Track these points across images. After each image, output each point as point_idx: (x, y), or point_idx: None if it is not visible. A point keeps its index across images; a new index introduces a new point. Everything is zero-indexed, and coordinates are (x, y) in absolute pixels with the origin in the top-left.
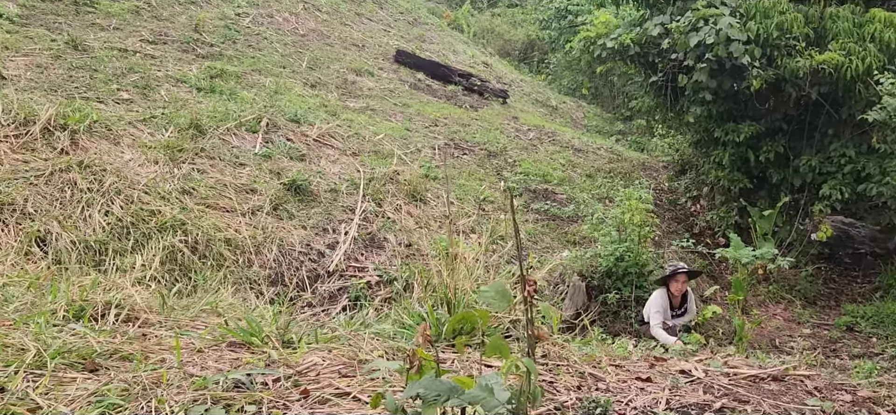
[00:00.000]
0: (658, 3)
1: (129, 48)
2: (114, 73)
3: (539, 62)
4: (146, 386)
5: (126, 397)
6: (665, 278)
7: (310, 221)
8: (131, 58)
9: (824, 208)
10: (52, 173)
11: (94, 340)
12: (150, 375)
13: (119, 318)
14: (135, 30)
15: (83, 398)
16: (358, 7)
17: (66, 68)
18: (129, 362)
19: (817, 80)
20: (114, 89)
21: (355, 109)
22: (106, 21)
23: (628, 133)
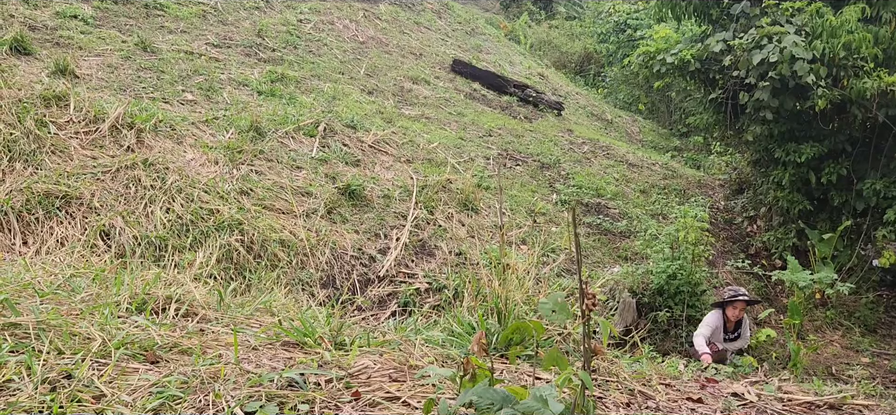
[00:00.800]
0: (721, 20)
1: (195, 51)
2: (179, 74)
3: (595, 75)
4: (204, 380)
5: (185, 389)
6: (723, 303)
7: (362, 226)
8: (196, 60)
9: (888, 234)
10: (118, 170)
11: (155, 332)
12: (207, 369)
13: (179, 312)
14: (201, 33)
15: (144, 389)
16: (417, 16)
17: (135, 69)
18: (188, 355)
19: (885, 102)
20: (179, 90)
21: (411, 117)
22: (174, 24)
23: (684, 150)
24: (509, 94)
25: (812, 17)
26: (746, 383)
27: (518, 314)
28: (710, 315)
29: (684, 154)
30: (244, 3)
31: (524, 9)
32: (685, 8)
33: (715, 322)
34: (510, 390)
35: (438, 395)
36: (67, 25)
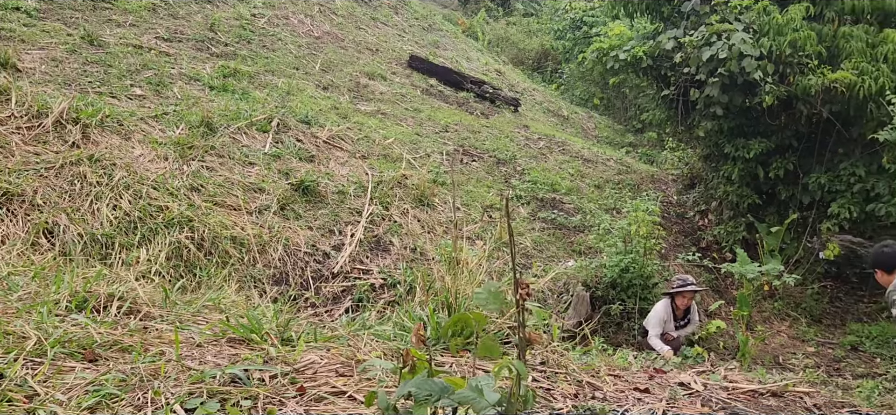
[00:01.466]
0: (672, 17)
1: (144, 45)
2: (128, 69)
3: (552, 72)
4: (144, 378)
5: (123, 387)
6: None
7: (316, 222)
8: (146, 55)
9: (832, 227)
10: (62, 166)
11: (94, 330)
12: (148, 367)
13: (121, 310)
14: (150, 27)
15: (80, 387)
16: (373, 11)
17: (81, 63)
18: (129, 353)
19: (829, 98)
20: (127, 85)
21: (366, 113)
22: (122, 17)
23: (639, 145)
24: (466, 90)
25: (759, 15)
26: (693, 372)
27: (468, 307)
28: (659, 306)
29: (639, 150)
30: None
31: (482, 5)
32: (637, 5)
33: (664, 313)
34: (449, 381)
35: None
36: (9, 18)
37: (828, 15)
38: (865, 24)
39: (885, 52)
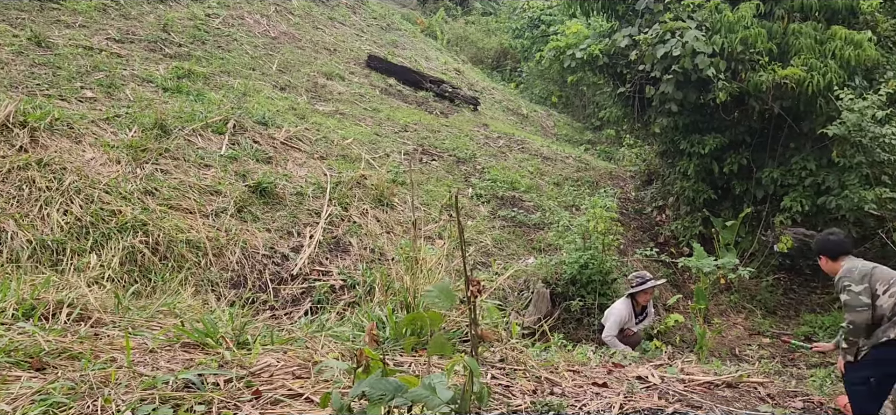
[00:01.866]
0: (627, 16)
1: (95, 46)
2: (78, 70)
3: (511, 71)
4: (93, 385)
5: (72, 395)
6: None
7: (274, 224)
8: (97, 56)
9: (785, 220)
10: (9, 171)
11: (42, 338)
12: (98, 374)
13: (71, 317)
14: (101, 28)
15: (27, 397)
16: (331, 11)
17: (28, 65)
18: (78, 361)
19: (780, 94)
20: (77, 87)
21: (324, 113)
22: (71, 18)
23: (597, 143)
24: (425, 89)
25: (711, 12)
26: (651, 366)
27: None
28: (620, 305)
29: (597, 147)
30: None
31: (441, 5)
32: (593, 3)
33: (625, 311)
34: (403, 380)
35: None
36: None
37: (777, 12)
38: (813, 21)
39: (832, 48)
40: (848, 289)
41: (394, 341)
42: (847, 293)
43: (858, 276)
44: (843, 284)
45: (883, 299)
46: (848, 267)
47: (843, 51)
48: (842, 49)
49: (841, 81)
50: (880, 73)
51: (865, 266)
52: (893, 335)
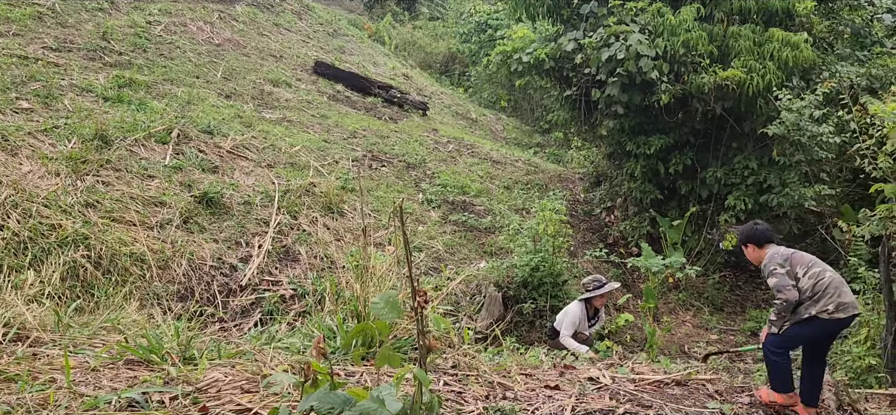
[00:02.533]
0: (571, 20)
1: (30, 55)
2: (12, 81)
3: (460, 75)
4: (30, 408)
5: None
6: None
7: (222, 235)
8: (32, 65)
9: (730, 218)
10: None
11: None
12: (36, 396)
13: (7, 337)
14: (37, 36)
15: None
16: (276, 17)
17: None
18: (14, 383)
19: (721, 95)
20: (12, 98)
21: (271, 121)
22: (5, 27)
23: (546, 145)
24: (374, 95)
25: (654, 16)
26: (602, 366)
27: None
28: (575, 308)
29: (546, 150)
30: (86, 5)
31: (388, 10)
32: (538, 8)
33: (580, 314)
34: (351, 393)
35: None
36: None
37: (717, 15)
38: (752, 23)
39: (770, 50)
40: (774, 272)
41: (344, 351)
42: (774, 276)
43: (781, 260)
44: (770, 270)
45: (803, 281)
46: (771, 254)
47: (781, 52)
48: (780, 51)
49: (779, 82)
50: (816, 74)
51: (785, 251)
52: (813, 312)
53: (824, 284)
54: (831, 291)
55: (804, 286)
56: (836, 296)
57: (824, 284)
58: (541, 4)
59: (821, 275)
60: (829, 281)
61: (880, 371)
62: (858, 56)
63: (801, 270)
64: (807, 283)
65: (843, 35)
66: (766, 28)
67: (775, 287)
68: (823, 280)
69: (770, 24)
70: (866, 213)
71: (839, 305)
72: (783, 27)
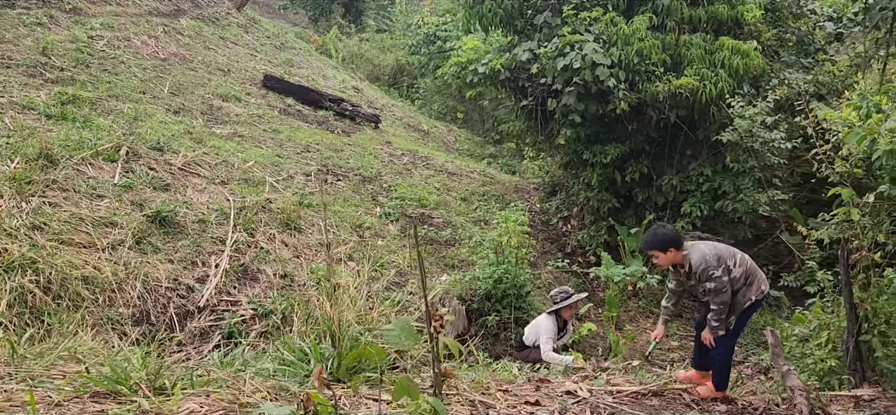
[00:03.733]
0: (526, 30)
1: None
2: None
3: (408, 87)
4: None
5: None
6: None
7: (177, 255)
8: None
9: (686, 225)
10: None
11: None
12: None
13: None
14: None
15: None
16: (222, 31)
17: None
18: None
19: (675, 103)
20: None
21: (223, 136)
22: None
23: (499, 156)
24: (325, 108)
25: (607, 25)
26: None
27: (352, 336)
28: (546, 321)
29: (499, 160)
30: (24, 20)
31: (333, 22)
32: (491, 19)
33: (553, 326)
34: None
35: None
36: None
37: (669, 25)
38: (702, 32)
39: (721, 58)
40: (713, 276)
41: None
42: (713, 280)
43: (715, 260)
44: (710, 273)
45: (736, 271)
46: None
47: (732, 60)
48: (730, 59)
49: (731, 90)
50: (766, 81)
51: (712, 247)
52: (752, 297)
53: (751, 267)
54: (756, 271)
55: (737, 275)
56: (760, 273)
57: (751, 267)
58: (494, 15)
59: (744, 260)
60: (750, 263)
61: (841, 373)
62: (803, 63)
63: (731, 262)
64: (739, 271)
65: (789, 43)
66: (716, 37)
67: (715, 290)
68: (748, 263)
69: (719, 33)
70: (824, 217)
71: (763, 280)
72: (732, 36)
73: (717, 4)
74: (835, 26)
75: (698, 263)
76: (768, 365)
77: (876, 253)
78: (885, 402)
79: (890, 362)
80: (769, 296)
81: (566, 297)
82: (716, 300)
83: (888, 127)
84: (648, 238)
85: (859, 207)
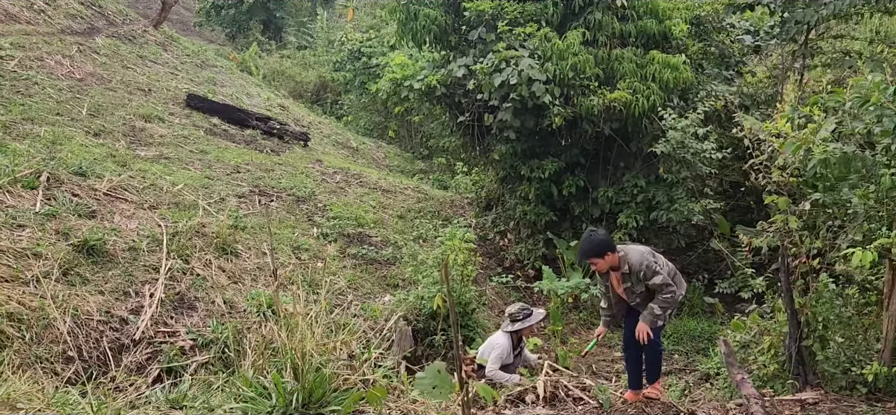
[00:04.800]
0: (460, 46)
1: None
2: None
3: (332, 104)
4: None
5: None
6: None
7: (108, 286)
8: None
9: (623, 236)
10: None
11: None
12: None
13: None
14: None
15: None
16: (140, 49)
17: None
18: None
19: (610, 116)
20: None
21: (148, 159)
22: None
23: (430, 172)
24: (252, 127)
25: (542, 41)
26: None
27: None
28: (502, 339)
29: (430, 176)
30: None
31: (252, 39)
32: (425, 34)
33: (508, 344)
34: None
35: None
36: None
37: (601, 39)
38: (633, 47)
39: (652, 71)
40: (657, 272)
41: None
42: (658, 276)
43: (652, 256)
44: (654, 269)
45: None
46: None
47: (662, 74)
48: (661, 72)
49: (662, 102)
50: (694, 93)
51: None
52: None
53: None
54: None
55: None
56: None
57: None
58: (427, 31)
59: (667, 262)
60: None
61: (785, 378)
62: (725, 75)
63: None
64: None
65: (712, 56)
66: (646, 51)
67: (663, 283)
68: (672, 266)
69: (649, 47)
70: (763, 225)
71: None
72: (661, 50)
73: (646, 19)
74: (753, 39)
75: (639, 262)
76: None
77: (814, 259)
78: (828, 404)
79: (830, 364)
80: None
81: (528, 314)
82: (667, 291)
83: (821, 137)
84: (584, 247)
85: (796, 215)
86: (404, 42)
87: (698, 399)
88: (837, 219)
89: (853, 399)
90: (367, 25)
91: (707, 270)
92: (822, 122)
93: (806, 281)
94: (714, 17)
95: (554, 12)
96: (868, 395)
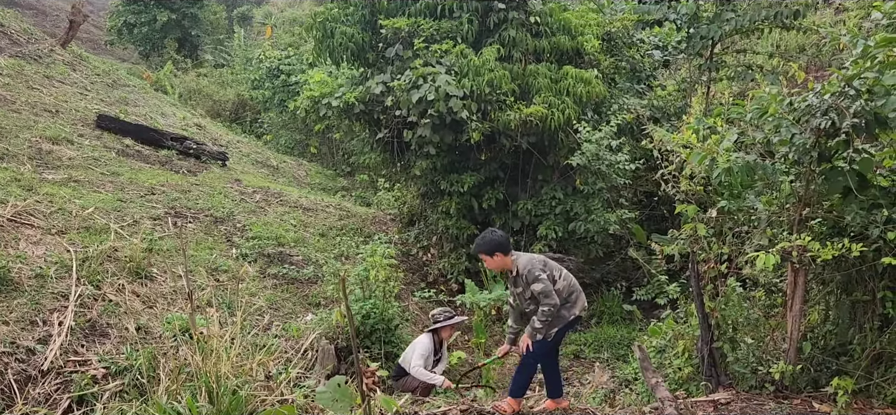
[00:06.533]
0: (377, 63)
1: None
2: None
3: (252, 122)
4: None
5: None
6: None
7: (12, 315)
8: None
9: (543, 247)
10: None
11: None
12: None
13: None
14: None
15: None
16: (46, 69)
17: None
18: None
19: (526, 130)
20: None
21: (56, 182)
22: None
23: (352, 188)
24: (167, 147)
25: (458, 57)
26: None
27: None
28: (425, 341)
29: (353, 193)
30: None
31: (167, 58)
32: (342, 52)
33: (430, 346)
34: None
35: None
36: None
37: (516, 55)
38: (547, 62)
39: (566, 86)
40: (539, 279)
41: None
42: (540, 283)
43: (541, 264)
44: (535, 275)
45: (560, 283)
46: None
47: (576, 88)
48: (574, 86)
49: (577, 116)
50: (607, 107)
51: (540, 257)
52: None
53: (573, 286)
54: (578, 291)
55: (561, 288)
56: (581, 295)
57: (573, 286)
58: (344, 48)
59: (568, 277)
60: (574, 282)
61: (698, 380)
62: (636, 88)
63: (556, 274)
64: (563, 285)
65: (623, 70)
66: (560, 66)
67: (542, 293)
68: (571, 282)
69: (562, 62)
70: (674, 232)
71: (583, 303)
72: (574, 65)
73: (559, 36)
74: (662, 54)
75: (525, 266)
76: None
77: (721, 264)
78: (739, 403)
79: (740, 365)
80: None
81: (449, 316)
82: (545, 302)
83: (725, 147)
84: (478, 241)
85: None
86: (322, 59)
87: (617, 404)
88: (743, 225)
89: (762, 397)
90: (285, 43)
91: (625, 279)
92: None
93: (715, 285)
94: (624, 33)
95: (469, 30)
96: (776, 392)
